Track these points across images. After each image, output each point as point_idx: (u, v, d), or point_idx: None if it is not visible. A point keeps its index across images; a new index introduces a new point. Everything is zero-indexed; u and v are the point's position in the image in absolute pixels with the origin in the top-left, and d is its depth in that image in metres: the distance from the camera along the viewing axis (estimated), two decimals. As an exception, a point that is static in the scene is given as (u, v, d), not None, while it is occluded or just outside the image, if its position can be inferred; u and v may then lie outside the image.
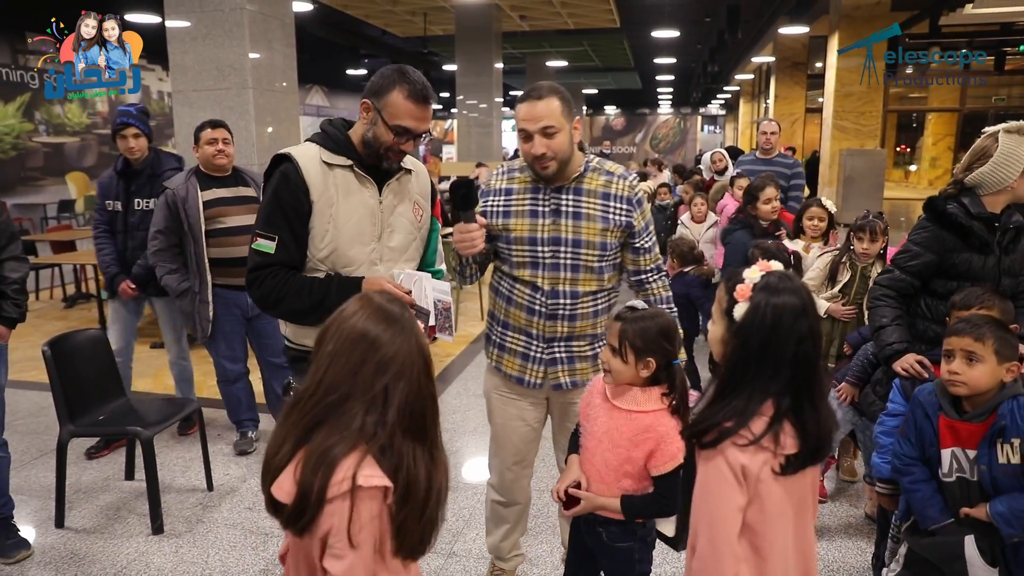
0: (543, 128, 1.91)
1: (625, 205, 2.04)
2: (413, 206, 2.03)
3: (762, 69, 19.59)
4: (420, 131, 1.89)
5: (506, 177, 2.11)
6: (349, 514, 1.13)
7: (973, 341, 1.80)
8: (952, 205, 2.26)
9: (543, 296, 2.02)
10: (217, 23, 5.52)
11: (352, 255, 1.90)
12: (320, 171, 1.87)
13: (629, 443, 1.64)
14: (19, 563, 2.65)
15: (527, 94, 1.96)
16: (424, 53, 15.55)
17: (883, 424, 2.19)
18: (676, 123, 31.09)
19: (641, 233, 2.08)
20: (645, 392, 1.66)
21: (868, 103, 11.83)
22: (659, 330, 1.65)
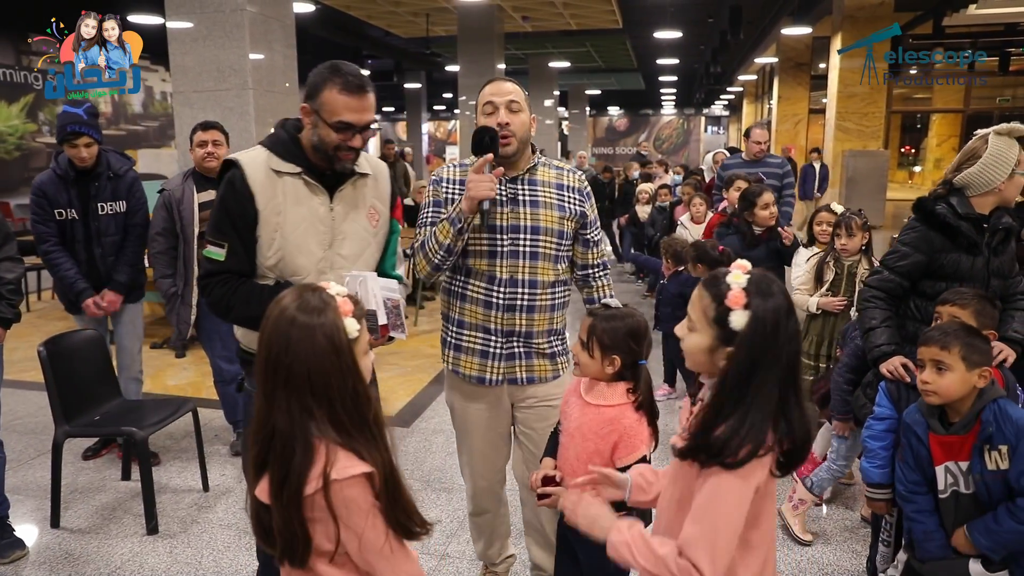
0: (509, 101, 1.98)
1: (578, 195, 2.09)
2: (368, 211, 1.99)
3: (765, 70, 19.57)
4: (362, 123, 1.83)
5: (459, 171, 2.12)
6: (334, 506, 1.15)
7: (939, 350, 1.80)
8: (941, 206, 2.26)
9: (501, 286, 2.02)
10: (217, 24, 5.54)
11: (300, 263, 1.87)
12: (267, 179, 1.84)
13: (596, 436, 1.68)
14: (14, 563, 2.66)
15: (491, 79, 2.07)
16: (427, 54, 15.56)
17: (870, 428, 2.18)
18: (679, 124, 31.05)
19: (592, 224, 2.13)
20: (611, 387, 1.71)
21: (871, 104, 11.81)
22: (627, 330, 1.69)
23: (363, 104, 1.82)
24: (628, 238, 8.76)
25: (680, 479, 1.30)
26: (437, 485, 3.28)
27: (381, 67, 18.37)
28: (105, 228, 3.36)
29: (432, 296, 7.37)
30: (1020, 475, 1.72)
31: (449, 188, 2.09)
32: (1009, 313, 2.25)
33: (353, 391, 1.19)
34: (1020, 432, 1.72)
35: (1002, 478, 1.75)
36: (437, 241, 1.98)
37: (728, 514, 1.18)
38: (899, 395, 2.17)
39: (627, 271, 9.01)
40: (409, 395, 4.51)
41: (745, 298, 1.22)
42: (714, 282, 1.25)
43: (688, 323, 1.28)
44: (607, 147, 30.77)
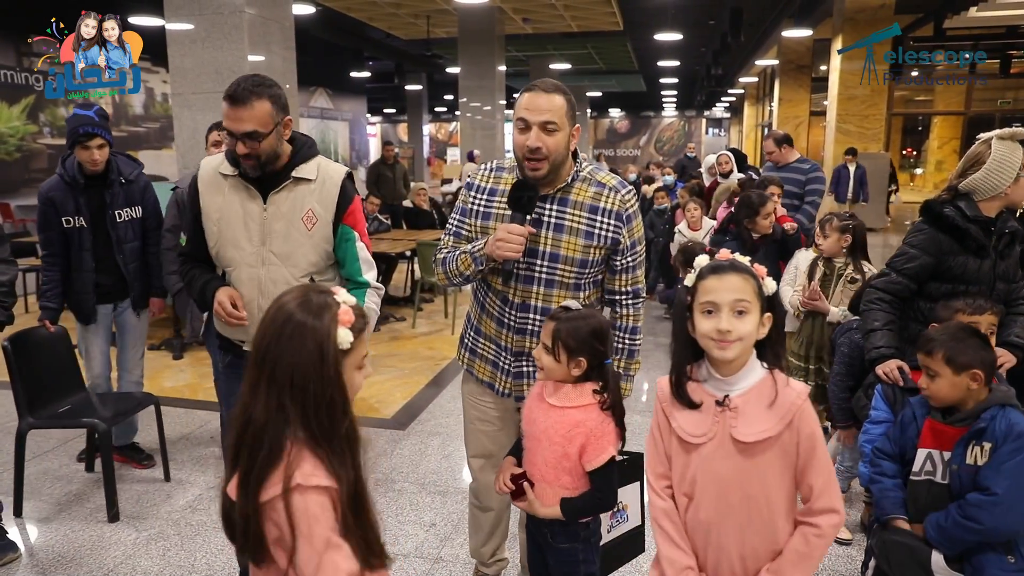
0: (544, 122, 1.81)
1: (614, 220, 1.92)
2: (306, 214, 2.12)
3: (766, 72, 19.57)
4: (238, 131, 1.98)
5: (492, 176, 2.01)
6: (290, 512, 1.12)
7: (925, 356, 1.82)
8: (949, 208, 2.27)
9: (512, 309, 1.95)
10: (216, 26, 5.54)
11: (230, 255, 2.14)
12: (214, 179, 2.15)
13: (563, 439, 1.66)
14: (6, 566, 2.65)
15: (533, 85, 1.86)
16: (427, 56, 15.57)
17: (867, 432, 2.18)
18: (680, 126, 31.05)
19: (625, 252, 1.96)
20: (576, 388, 1.70)
21: (872, 106, 11.80)
22: (591, 331, 1.67)
23: (236, 113, 1.98)
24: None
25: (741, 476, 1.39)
26: (432, 488, 3.27)
27: (382, 69, 18.41)
28: (124, 235, 3.34)
29: (431, 298, 7.35)
30: (985, 472, 1.73)
31: (477, 199, 1.99)
32: (1011, 318, 2.25)
33: (330, 401, 1.16)
34: (1009, 435, 1.72)
35: (974, 473, 1.75)
36: (457, 268, 1.95)
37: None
38: (895, 398, 2.17)
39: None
40: (406, 397, 4.50)
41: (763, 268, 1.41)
42: (741, 265, 1.39)
43: (739, 307, 1.36)
44: (608, 149, 30.77)
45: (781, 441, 1.37)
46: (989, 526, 1.70)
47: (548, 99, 1.81)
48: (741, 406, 1.39)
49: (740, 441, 1.37)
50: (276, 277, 2.12)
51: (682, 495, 1.47)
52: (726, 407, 1.40)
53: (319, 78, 16.23)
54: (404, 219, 7.97)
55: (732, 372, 1.41)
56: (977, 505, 1.70)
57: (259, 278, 2.12)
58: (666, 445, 1.50)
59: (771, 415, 1.37)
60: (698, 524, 1.45)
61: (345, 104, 18.13)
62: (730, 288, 1.36)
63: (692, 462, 1.43)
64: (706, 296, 1.38)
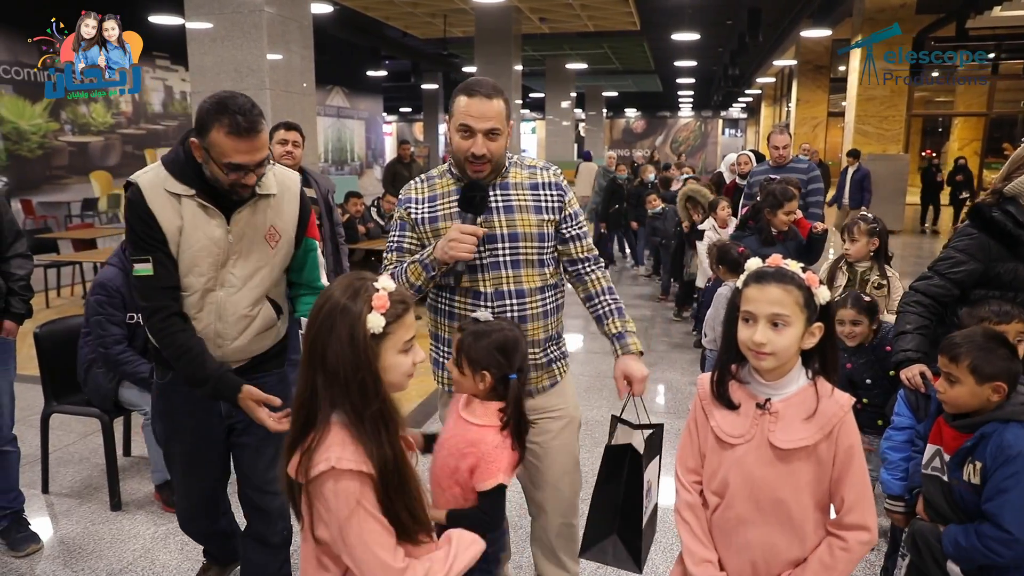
0: (489, 129, 1.83)
1: (555, 191, 1.97)
2: (268, 232, 1.95)
3: (784, 72, 19.42)
4: (254, 163, 1.80)
5: (426, 186, 1.98)
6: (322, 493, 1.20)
7: (948, 361, 1.77)
8: (998, 213, 2.18)
9: (487, 300, 1.91)
10: (236, 25, 5.59)
11: (189, 281, 1.90)
12: (166, 200, 1.85)
13: (458, 453, 1.64)
14: (28, 556, 2.69)
15: (473, 88, 1.84)
16: (444, 55, 15.60)
17: (890, 439, 2.14)
18: (697, 126, 30.90)
19: (570, 219, 1.99)
20: (484, 405, 1.67)
21: (891, 107, 11.69)
22: (496, 345, 1.64)
23: (253, 145, 1.77)
24: (643, 240, 8.73)
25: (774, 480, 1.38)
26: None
27: (398, 68, 18.47)
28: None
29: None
30: (988, 501, 1.67)
31: (419, 209, 1.95)
32: None
33: (360, 383, 1.20)
34: (998, 457, 1.66)
35: (971, 491, 1.72)
36: (408, 280, 1.89)
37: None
38: (917, 404, 2.13)
39: (641, 273, 8.97)
40: (421, 396, 4.51)
41: (816, 276, 1.38)
42: (788, 275, 1.36)
43: (776, 319, 1.34)
44: (624, 149, 30.69)
45: (818, 451, 1.36)
46: (1008, 559, 1.66)
47: (490, 106, 1.82)
48: (782, 411, 1.38)
49: (777, 447, 1.36)
50: (237, 300, 1.94)
51: (712, 493, 1.47)
52: (767, 411, 1.39)
53: (336, 77, 16.32)
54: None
55: (775, 378, 1.40)
56: (995, 539, 1.65)
57: (217, 301, 1.92)
58: (701, 442, 1.49)
59: (810, 425, 1.36)
60: (725, 523, 1.44)
61: (361, 103, 18.21)
62: (769, 300, 1.35)
63: (726, 461, 1.42)
64: (746, 304, 1.38)
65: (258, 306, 1.98)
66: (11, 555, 2.69)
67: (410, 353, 1.30)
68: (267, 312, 2.00)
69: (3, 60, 8.88)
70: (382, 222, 6.76)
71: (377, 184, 14.36)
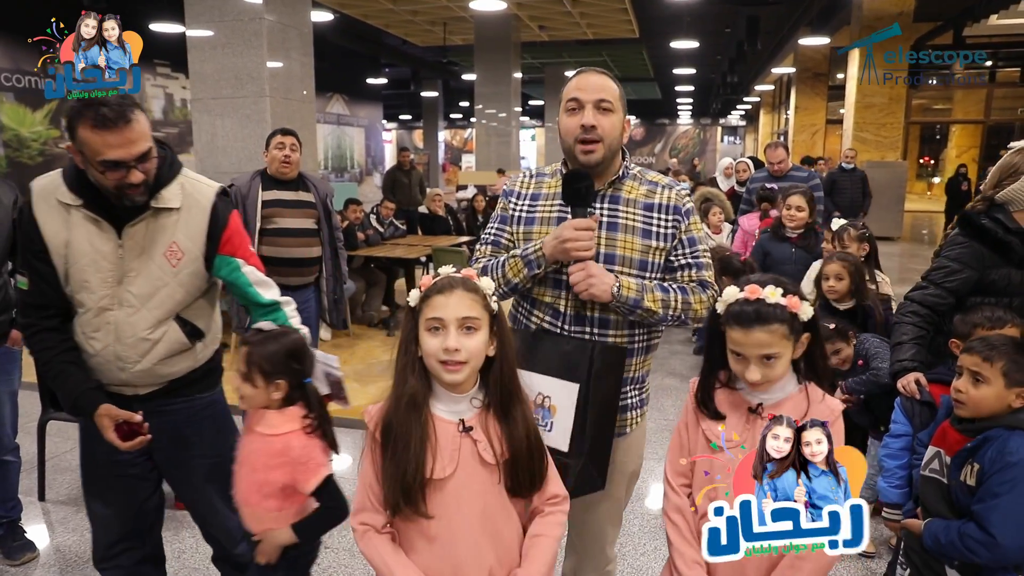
0: (599, 100, 1.63)
1: (672, 216, 1.71)
2: (168, 249, 1.76)
3: (782, 80, 19.49)
4: (132, 157, 1.62)
5: (534, 181, 1.81)
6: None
7: (981, 361, 1.74)
8: (987, 220, 2.20)
9: (566, 323, 1.69)
10: (236, 32, 5.60)
11: (82, 298, 1.75)
12: (55, 209, 1.72)
13: (265, 467, 1.61)
14: (24, 565, 2.67)
15: (581, 70, 1.70)
16: (443, 63, 15.65)
17: (887, 447, 2.14)
18: (696, 134, 30.98)
19: (681, 247, 1.72)
20: (282, 414, 1.64)
21: (889, 114, 11.72)
22: (286, 352, 1.63)
23: (125, 137, 1.61)
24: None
25: None
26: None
27: (398, 75, 18.54)
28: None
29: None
30: (979, 502, 1.67)
31: (518, 205, 1.78)
32: None
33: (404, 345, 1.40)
34: (997, 461, 1.65)
35: (966, 492, 1.71)
36: (504, 276, 1.70)
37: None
38: (913, 411, 2.14)
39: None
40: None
41: (796, 297, 1.39)
42: (769, 314, 1.37)
43: (767, 356, 1.37)
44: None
45: None
46: (986, 561, 1.66)
47: (601, 79, 1.66)
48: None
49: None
50: (136, 321, 1.76)
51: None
52: (759, 415, 1.40)
53: (336, 84, 16.36)
54: (419, 225, 8.00)
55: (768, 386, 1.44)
56: (977, 540, 1.65)
57: (116, 322, 1.75)
58: (691, 445, 1.50)
59: None
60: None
61: (361, 110, 18.25)
62: (756, 343, 1.36)
63: (716, 464, 1.42)
64: (733, 345, 1.39)
65: (161, 328, 1.79)
66: (7, 564, 2.67)
67: (437, 335, 1.31)
68: (174, 335, 1.81)
69: (4, 67, 8.90)
70: (381, 229, 6.76)
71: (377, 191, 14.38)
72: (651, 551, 2.72)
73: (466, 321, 1.31)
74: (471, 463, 1.33)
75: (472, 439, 1.34)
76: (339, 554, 2.72)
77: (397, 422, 1.31)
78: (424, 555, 1.34)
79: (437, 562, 1.33)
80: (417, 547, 1.34)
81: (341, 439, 1.73)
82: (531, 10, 11.82)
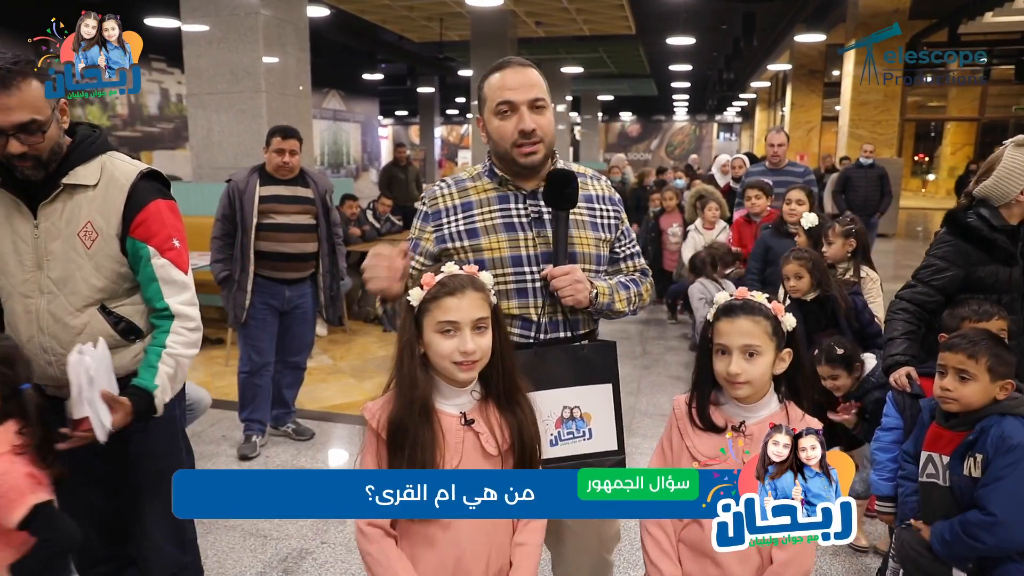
0: (534, 100, 1.55)
1: (612, 206, 1.71)
2: (83, 228, 1.64)
3: (778, 77, 19.52)
4: (8, 125, 1.51)
5: (456, 190, 1.66)
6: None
7: (966, 358, 1.77)
8: (973, 218, 2.25)
9: (539, 331, 1.61)
10: (232, 27, 5.59)
11: (2, 284, 1.68)
12: None
13: None
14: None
15: (503, 64, 1.59)
16: (440, 59, 15.62)
17: (878, 440, 2.17)
18: (692, 130, 31.01)
19: (623, 237, 1.75)
20: None
21: (884, 112, 11.75)
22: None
23: (2, 102, 1.50)
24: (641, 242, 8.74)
25: None
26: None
27: (394, 71, 18.50)
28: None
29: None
30: (983, 487, 1.70)
31: (451, 221, 1.63)
32: None
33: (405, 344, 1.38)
34: (999, 447, 1.69)
35: (971, 484, 1.74)
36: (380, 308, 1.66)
37: None
38: (904, 404, 2.17)
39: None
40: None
41: (781, 305, 1.45)
42: (755, 306, 1.42)
43: (749, 350, 1.41)
44: (619, 152, 30.77)
45: None
46: (992, 545, 1.69)
47: (529, 74, 1.57)
48: (756, 434, 1.42)
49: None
50: (55, 309, 1.66)
51: None
52: (741, 433, 1.44)
53: (332, 80, 16.35)
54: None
55: (750, 401, 1.46)
56: (978, 524, 1.69)
57: (37, 310, 1.66)
58: (675, 461, 1.52)
59: None
60: (699, 544, 1.45)
61: (357, 106, 18.24)
62: (740, 332, 1.42)
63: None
64: (719, 338, 1.45)
65: (81, 317, 1.67)
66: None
67: (451, 338, 1.31)
68: (98, 326, 1.68)
69: None
70: (377, 224, 6.77)
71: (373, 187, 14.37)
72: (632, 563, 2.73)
73: (479, 322, 1.33)
74: (474, 455, 1.34)
75: (475, 432, 1.35)
76: (336, 549, 2.74)
77: (412, 426, 1.30)
78: (428, 552, 1.33)
79: (441, 557, 1.33)
80: (420, 544, 1.33)
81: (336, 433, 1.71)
82: (528, 6, 11.81)
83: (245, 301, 3.44)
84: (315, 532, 2.84)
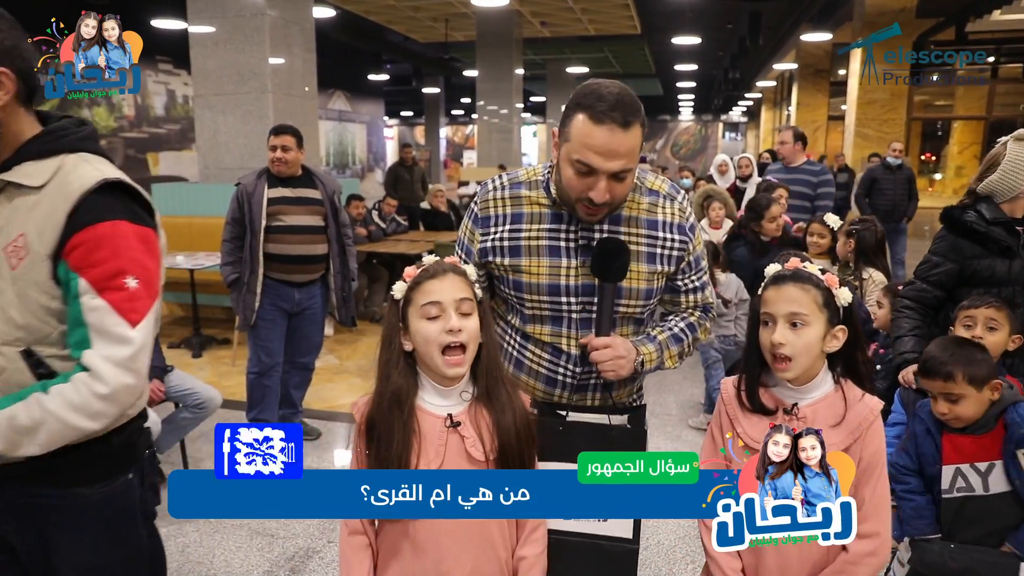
0: (620, 171, 1.37)
1: (678, 235, 1.52)
2: (13, 241, 1.24)
3: (784, 76, 19.46)
4: None
5: (510, 196, 1.54)
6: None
7: (944, 382, 1.77)
8: (968, 213, 2.27)
9: (570, 363, 1.52)
10: (238, 28, 5.62)
11: None
12: None
13: None
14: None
15: (604, 113, 1.35)
16: (445, 59, 15.65)
17: (884, 434, 2.17)
18: (697, 130, 30.95)
19: (688, 270, 1.57)
20: None
21: (891, 111, 11.71)
22: None
23: None
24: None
25: None
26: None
27: (400, 72, 18.53)
28: None
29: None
30: None
31: (496, 232, 1.53)
32: None
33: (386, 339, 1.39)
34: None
35: None
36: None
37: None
38: (910, 401, 2.19)
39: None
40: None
41: (836, 279, 1.37)
42: (805, 275, 1.35)
43: (794, 319, 1.33)
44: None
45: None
46: None
47: (624, 138, 1.35)
48: (809, 416, 1.35)
49: None
50: None
51: None
52: (794, 415, 1.36)
53: (337, 81, 16.37)
54: (422, 220, 8.04)
55: (801, 382, 1.37)
56: None
57: None
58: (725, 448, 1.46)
59: (839, 431, 1.34)
60: None
61: (363, 107, 18.27)
62: (786, 299, 1.33)
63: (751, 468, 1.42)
64: (765, 307, 1.37)
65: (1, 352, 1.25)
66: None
67: (435, 320, 1.29)
68: (16, 375, 1.25)
69: (6, 64, 8.93)
70: (383, 225, 6.80)
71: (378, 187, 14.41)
72: (680, 558, 2.73)
73: (462, 303, 1.30)
74: (457, 459, 1.29)
75: (460, 435, 1.30)
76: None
77: (380, 419, 1.28)
78: (407, 556, 1.29)
79: (419, 563, 1.29)
80: (400, 547, 1.30)
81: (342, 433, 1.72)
82: (533, 6, 11.82)
83: (255, 304, 3.46)
84: (322, 531, 2.85)
